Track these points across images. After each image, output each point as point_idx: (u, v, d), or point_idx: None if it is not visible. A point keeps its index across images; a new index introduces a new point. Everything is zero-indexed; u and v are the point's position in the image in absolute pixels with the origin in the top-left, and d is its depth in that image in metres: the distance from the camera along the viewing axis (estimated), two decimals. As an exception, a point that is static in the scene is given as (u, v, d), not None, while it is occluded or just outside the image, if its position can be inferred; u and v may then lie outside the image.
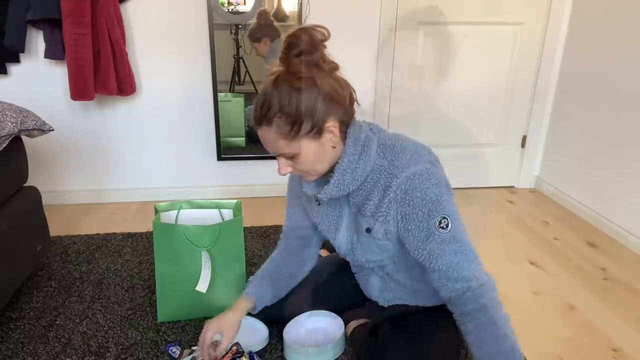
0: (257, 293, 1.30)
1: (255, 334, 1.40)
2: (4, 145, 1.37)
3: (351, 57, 2.37)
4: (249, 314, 1.46)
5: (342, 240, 1.21)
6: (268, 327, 1.42)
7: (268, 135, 1.00)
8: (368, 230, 1.11)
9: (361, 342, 1.32)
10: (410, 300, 1.27)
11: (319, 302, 1.40)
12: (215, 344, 1.20)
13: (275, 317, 1.43)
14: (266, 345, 1.38)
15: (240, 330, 1.39)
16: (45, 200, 1.82)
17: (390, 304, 1.29)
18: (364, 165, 1.05)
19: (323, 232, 1.25)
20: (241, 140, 2.49)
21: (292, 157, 1.03)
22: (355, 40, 2.34)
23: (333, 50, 2.60)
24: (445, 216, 1.01)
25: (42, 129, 1.53)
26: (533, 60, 2.53)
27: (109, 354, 1.34)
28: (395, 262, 1.18)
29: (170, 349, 1.32)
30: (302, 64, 0.97)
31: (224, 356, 1.18)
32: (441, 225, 1.01)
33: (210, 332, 1.19)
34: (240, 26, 2.27)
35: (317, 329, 1.38)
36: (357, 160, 1.05)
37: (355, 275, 1.36)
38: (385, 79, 2.43)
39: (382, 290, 1.28)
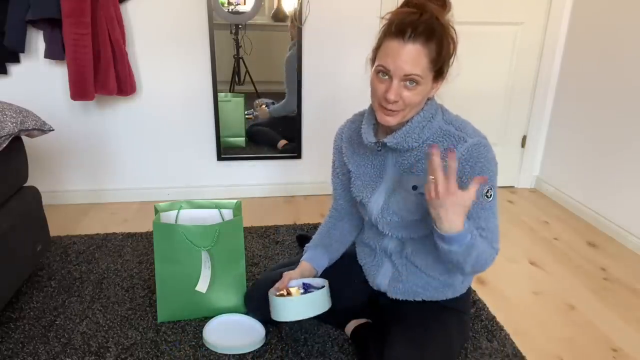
0: (313, 259, 1.37)
1: (253, 334, 1.40)
2: (4, 145, 1.37)
3: (351, 57, 2.37)
4: (246, 314, 1.47)
5: (376, 200, 1.23)
6: (266, 327, 1.43)
7: (417, 52, 1.02)
8: (415, 187, 1.16)
9: (365, 339, 1.32)
10: (420, 292, 1.26)
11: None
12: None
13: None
14: (264, 345, 1.38)
15: (238, 330, 1.40)
16: (45, 200, 1.82)
17: (398, 298, 1.29)
18: (431, 126, 1.14)
19: (359, 194, 1.27)
20: (241, 140, 2.49)
21: (413, 84, 1.04)
22: (355, 40, 2.34)
23: (332, 49, 2.62)
24: (493, 187, 1.13)
25: (42, 129, 1.53)
26: (533, 60, 2.53)
27: (109, 354, 1.34)
28: (417, 237, 1.21)
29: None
30: (449, 22, 1.08)
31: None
32: (487, 194, 1.12)
33: (285, 280, 1.29)
34: (240, 26, 2.27)
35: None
36: (428, 120, 1.14)
37: (364, 266, 1.37)
38: (385, 79, 2.43)
39: (393, 279, 1.28)
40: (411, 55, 1.01)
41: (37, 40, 2.13)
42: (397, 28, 1.02)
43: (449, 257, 1.06)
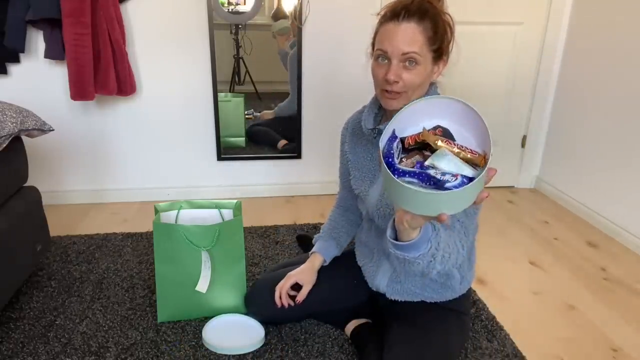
0: (323, 249, 1.41)
1: (252, 334, 1.40)
2: (4, 145, 1.37)
3: (351, 57, 2.37)
4: (246, 314, 1.48)
5: (374, 192, 1.23)
6: (266, 327, 1.43)
7: (412, 30, 1.03)
8: None
9: (365, 340, 1.32)
10: (418, 293, 1.26)
11: (318, 302, 1.40)
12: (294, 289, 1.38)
13: (273, 317, 1.44)
14: (264, 345, 1.38)
15: (237, 331, 1.40)
16: (45, 200, 1.82)
17: (397, 298, 1.29)
18: None
19: (357, 186, 1.28)
20: (241, 140, 2.49)
21: (412, 64, 1.04)
22: (355, 40, 2.34)
23: (333, 49, 2.62)
24: None
25: (42, 129, 1.53)
26: (533, 60, 2.53)
27: (109, 354, 1.34)
28: None
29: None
30: (443, 9, 1.08)
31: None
32: None
33: (291, 280, 1.35)
34: (240, 26, 2.27)
35: None
36: None
37: (363, 267, 1.37)
38: (385, 79, 2.43)
39: (391, 280, 1.28)
40: (407, 34, 1.02)
41: (37, 40, 2.13)
42: (391, 12, 1.05)
43: (413, 268, 0.97)
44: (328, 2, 2.26)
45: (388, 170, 0.79)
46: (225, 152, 2.47)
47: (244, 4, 2.20)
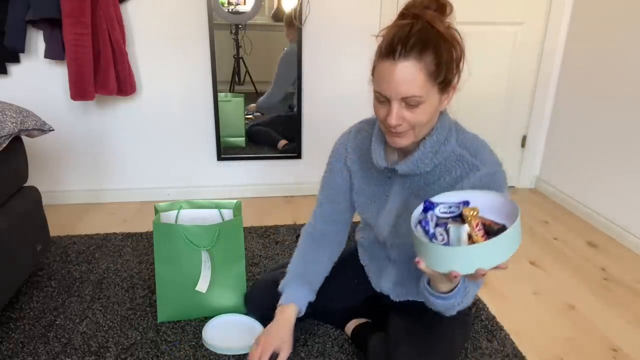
0: (297, 299, 1.26)
1: (253, 334, 1.39)
2: (4, 145, 1.37)
3: (351, 57, 2.37)
4: (246, 314, 1.47)
5: (385, 220, 1.20)
6: (265, 327, 1.42)
7: (410, 70, 0.92)
8: None
9: (365, 339, 1.32)
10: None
11: (318, 302, 1.40)
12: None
13: (273, 317, 1.43)
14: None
15: (237, 331, 1.40)
16: (45, 200, 1.82)
17: (400, 300, 1.29)
18: (444, 149, 1.07)
19: (364, 213, 1.26)
20: (241, 140, 2.49)
21: (414, 105, 0.96)
22: (355, 40, 2.34)
23: (333, 50, 2.61)
24: None
25: (42, 129, 1.53)
26: (533, 60, 2.53)
27: (109, 354, 1.34)
28: None
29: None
30: (449, 25, 0.98)
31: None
32: None
33: (268, 351, 1.17)
34: (240, 26, 2.27)
35: None
36: (441, 142, 1.07)
37: (366, 267, 1.36)
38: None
39: (396, 283, 1.28)
40: (404, 75, 0.92)
41: (37, 40, 2.13)
42: (387, 48, 0.94)
43: (442, 309, 1.05)
44: (328, 2, 2.26)
45: (420, 208, 0.95)
46: (225, 152, 2.47)
47: (244, 4, 2.20)
